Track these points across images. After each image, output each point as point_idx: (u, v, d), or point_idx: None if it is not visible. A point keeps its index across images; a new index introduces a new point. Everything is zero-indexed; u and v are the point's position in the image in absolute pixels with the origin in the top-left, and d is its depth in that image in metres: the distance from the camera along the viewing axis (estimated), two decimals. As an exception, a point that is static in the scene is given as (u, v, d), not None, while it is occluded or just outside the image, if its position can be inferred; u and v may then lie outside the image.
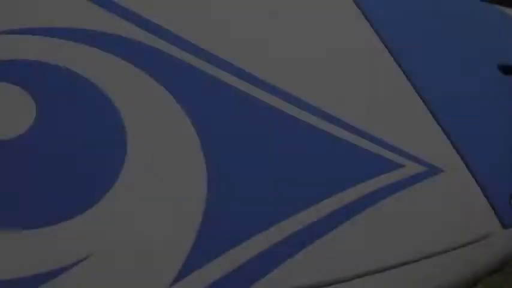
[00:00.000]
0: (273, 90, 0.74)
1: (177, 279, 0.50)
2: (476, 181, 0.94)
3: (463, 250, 0.87)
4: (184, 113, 0.62)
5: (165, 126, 0.60)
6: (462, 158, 0.94)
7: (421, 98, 0.97)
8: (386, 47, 1.02)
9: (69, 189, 0.52)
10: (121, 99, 0.58)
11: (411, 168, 0.82)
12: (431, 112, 0.97)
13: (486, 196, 0.94)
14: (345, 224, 0.69)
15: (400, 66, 1.00)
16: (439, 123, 0.96)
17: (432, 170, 0.86)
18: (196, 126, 0.61)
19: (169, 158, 0.58)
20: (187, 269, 0.51)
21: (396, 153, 0.82)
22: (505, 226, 0.94)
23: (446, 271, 0.85)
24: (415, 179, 0.82)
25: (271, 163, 0.67)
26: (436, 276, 0.84)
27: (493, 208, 0.94)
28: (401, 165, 0.81)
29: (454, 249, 0.86)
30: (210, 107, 0.64)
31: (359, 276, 0.67)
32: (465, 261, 0.88)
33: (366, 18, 1.05)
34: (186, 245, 0.52)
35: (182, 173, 0.58)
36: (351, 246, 0.68)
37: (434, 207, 0.83)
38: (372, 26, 1.05)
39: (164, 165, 0.57)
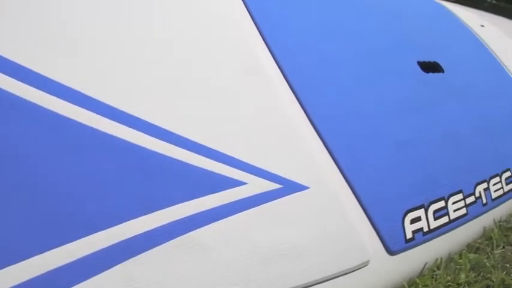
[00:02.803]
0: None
1: None
2: (359, 201, 0.78)
3: (335, 281, 0.71)
4: None
5: None
6: (344, 175, 0.79)
7: (304, 110, 0.81)
8: (270, 51, 0.86)
9: None
10: None
11: (257, 186, 0.66)
12: (312, 123, 0.81)
13: (370, 218, 0.78)
14: (140, 258, 0.52)
15: (284, 74, 0.84)
16: (320, 137, 0.80)
17: (291, 188, 0.70)
18: None
19: None
20: None
21: (239, 169, 0.66)
22: (390, 252, 0.78)
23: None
24: (261, 198, 0.66)
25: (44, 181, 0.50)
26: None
27: (377, 232, 0.78)
28: (241, 183, 0.65)
29: (322, 281, 0.70)
30: None
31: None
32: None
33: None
34: None
35: None
36: None
37: (291, 230, 0.67)
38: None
39: None
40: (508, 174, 1.16)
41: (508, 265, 0.86)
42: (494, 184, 1.10)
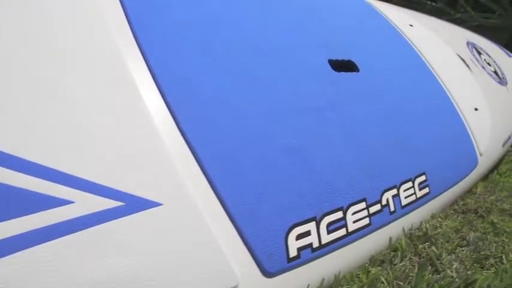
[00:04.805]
0: None
1: None
2: (230, 217, 0.68)
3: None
4: None
5: None
6: (214, 188, 0.69)
7: (171, 114, 0.71)
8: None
9: None
10: None
11: (87, 205, 0.55)
12: (179, 128, 0.70)
13: (242, 236, 0.68)
14: None
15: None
16: (188, 144, 0.70)
17: (136, 205, 0.59)
18: None
19: None
20: None
21: (63, 185, 0.55)
22: (267, 274, 0.69)
23: None
24: (93, 220, 0.55)
25: None
26: None
27: (251, 251, 0.69)
28: (65, 202, 0.54)
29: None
30: None
31: None
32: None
33: None
34: None
35: None
36: None
37: (131, 256, 0.57)
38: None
39: None
40: (422, 178, 1.10)
41: (401, 283, 0.79)
42: (405, 190, 1.03)
